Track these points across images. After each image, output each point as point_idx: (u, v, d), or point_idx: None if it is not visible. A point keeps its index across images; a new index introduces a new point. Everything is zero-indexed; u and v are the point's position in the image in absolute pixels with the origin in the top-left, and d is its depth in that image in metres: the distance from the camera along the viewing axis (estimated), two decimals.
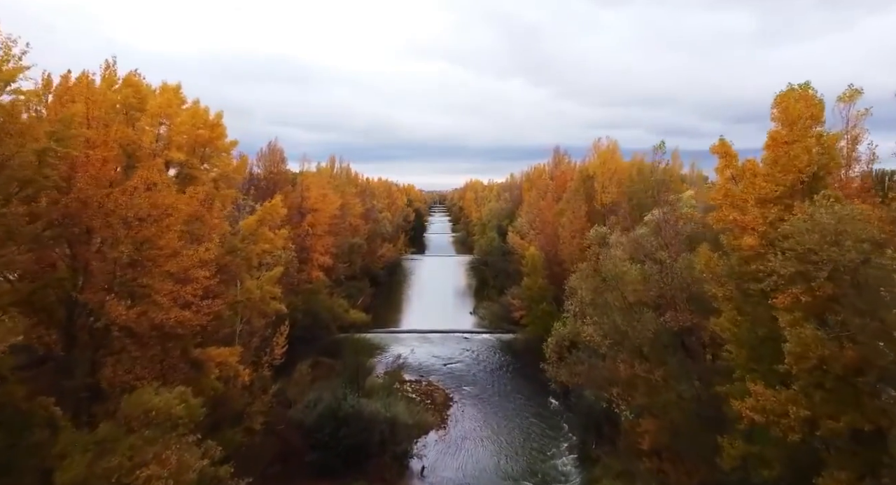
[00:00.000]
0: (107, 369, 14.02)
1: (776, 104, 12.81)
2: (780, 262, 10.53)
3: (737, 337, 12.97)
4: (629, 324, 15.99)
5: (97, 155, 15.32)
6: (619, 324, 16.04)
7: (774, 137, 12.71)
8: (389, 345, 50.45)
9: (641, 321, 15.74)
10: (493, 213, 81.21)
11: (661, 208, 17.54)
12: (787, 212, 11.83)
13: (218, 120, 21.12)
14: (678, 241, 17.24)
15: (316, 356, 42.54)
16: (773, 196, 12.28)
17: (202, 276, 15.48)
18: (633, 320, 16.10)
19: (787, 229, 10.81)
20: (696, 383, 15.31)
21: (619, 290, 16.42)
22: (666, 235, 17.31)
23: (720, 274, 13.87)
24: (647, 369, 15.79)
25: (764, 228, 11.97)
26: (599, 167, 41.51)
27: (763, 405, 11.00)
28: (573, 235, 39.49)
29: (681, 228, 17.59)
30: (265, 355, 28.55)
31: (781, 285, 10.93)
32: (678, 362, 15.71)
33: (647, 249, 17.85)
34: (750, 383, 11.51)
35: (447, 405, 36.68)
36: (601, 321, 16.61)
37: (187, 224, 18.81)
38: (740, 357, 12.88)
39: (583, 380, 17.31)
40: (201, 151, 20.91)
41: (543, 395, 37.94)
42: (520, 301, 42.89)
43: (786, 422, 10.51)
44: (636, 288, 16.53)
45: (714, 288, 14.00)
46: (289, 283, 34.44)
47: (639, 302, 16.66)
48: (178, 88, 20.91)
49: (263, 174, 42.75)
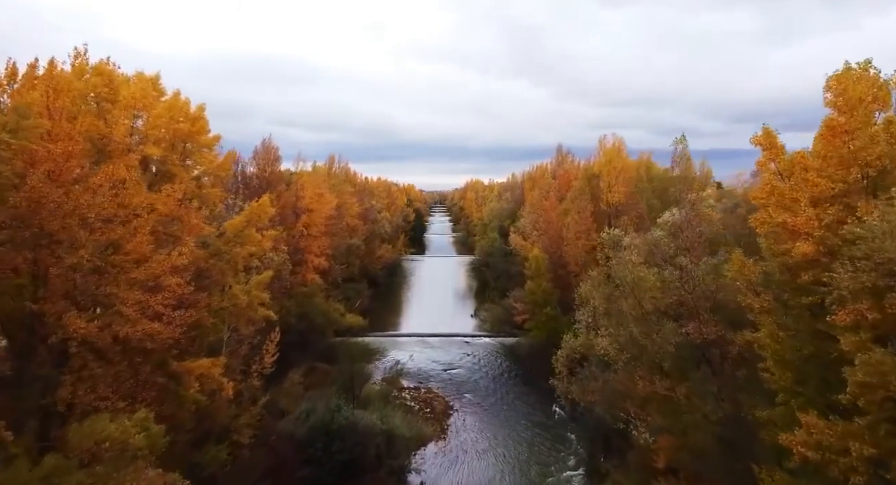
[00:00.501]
0: (65, 388, 12.47)
1: (831, 87, 11.06)
2: (850, 274, 8.92)
3: (779, 356, 11.39)
4: (647, 336, 14.44)
5: (59, 149, 13.77)
6: (637, 336, 14.49)
7: (831, 126, 10.94)
8: (388, 349, 48.89)
9: (661, 333, 14.19)
10: (495, 213, 79.67)
11: (681, 208, 15.97)
12: (847, 213, 10.21)
13: (199, 113, 19.55)
14: (700, 244, 15.68)
15: (311, 362, 41.01)
16: (828, 195, 10.63)
17: (175, 283, 13.93)
18: (652, 332, 14.55)
19: (853, 234, 9.21)
20: (724, 403, 13.79)
21: (635, 298, 14.88)
22: (687, 237, 15.76)
23: (756, 283, 12.32)
24: (667, 387, 14.25)
25: (821, 233, 10.30)
26: (605, 166, 39.91)
27: (818, 440, 9.41)
28: (578, 236, 37.97)
29: (703, 229, 16.01)
30: (255, 364, 27.07)
31: (842, 300, 9.31)
32: (702, 379, 14.18)
33: (664, 252, 16.29)
34: (801, 414, 9.92)
35: (447, 414, 35.11)
36: (616, 333, 15.05)
37: (164, 225, 17.32)
38: (784, 379, 11.29)
39: (596, 397, 15.77)
40: (181, 146, 19.35)
41: (548, 403, 36.37)
42: (522, 305, 41.32)
43: (846, 461, 8.90)
44: (654, 296, 14.98)
45: (748, 298, 12.45)
46: (281, 286, 32.92)
47: (657, 311, 15.12)
48: (157, 79, 19.37)
49: (257, 173, 41.16)
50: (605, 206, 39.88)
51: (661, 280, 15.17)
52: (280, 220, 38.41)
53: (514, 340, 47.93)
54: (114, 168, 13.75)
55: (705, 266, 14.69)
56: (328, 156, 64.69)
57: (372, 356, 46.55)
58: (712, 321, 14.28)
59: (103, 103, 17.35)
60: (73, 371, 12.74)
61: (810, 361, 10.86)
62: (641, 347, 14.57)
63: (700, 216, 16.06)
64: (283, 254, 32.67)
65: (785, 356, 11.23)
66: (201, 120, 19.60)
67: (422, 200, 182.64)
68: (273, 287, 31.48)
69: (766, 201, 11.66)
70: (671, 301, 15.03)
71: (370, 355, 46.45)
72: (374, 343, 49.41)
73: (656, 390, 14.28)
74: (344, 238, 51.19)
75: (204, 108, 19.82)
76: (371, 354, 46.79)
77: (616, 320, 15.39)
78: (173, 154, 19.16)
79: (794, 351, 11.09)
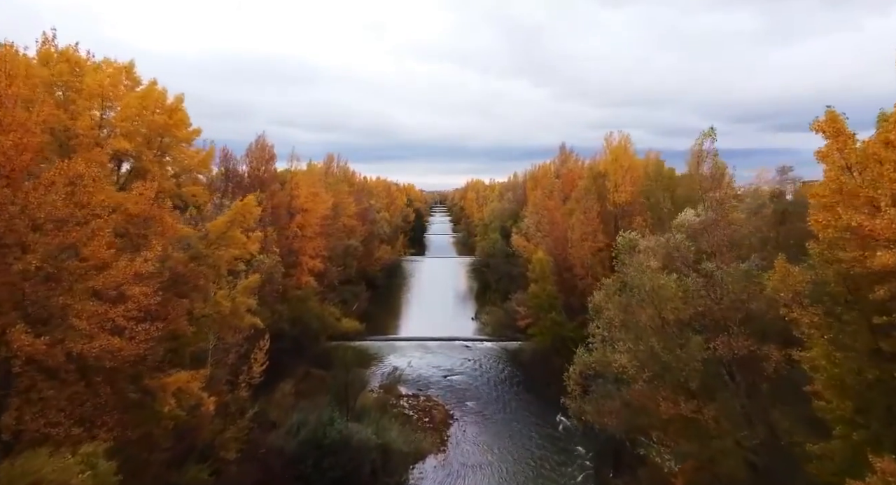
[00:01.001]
0: (9, 413, 10.90)
1: None
2: None
3: (836, 380, 9.77)
4: (670, 352, 12.85)
5: (9, 141, 12.20)
6: (659, 351, 12.90)
7: None
8: (386, 354, 47.34)
9: (687, 349, 12.61)
10: (496, 213, 78.05)
11: (706, 208, 14.36)
12: None
13: (177, 104, 17.96)
14: (727, 248, 14.07)
15: (307, 368, 39.51)
16: None
17: (140, 293, 12.35)
18: (675, 347, 12.95)
19: None
20: (758, 428, 12.22)
21: (654, 308, 13.29)
22: (714, 240, 14.13)
23: (803, 294, 10.72)
24: (693, 408, 12.68)
25: None
26: (612, 164, 38.33)
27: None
28: (584, 238, 36.38)
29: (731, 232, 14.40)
30: (243, 374, 25.49)
31: None
32: (733, 400, 12.62)
33: (685, 257, 14.68)
34: (875, 458, 8.28)
35: (447, 424, 33.50)
36: (635, 348, 13.46)
37: (137, 227, 15.75)
38: (842, 408, 9.68)
39: (614, 419, 14.21)
40: (158, 140, 17.77)
41: (552, 412, 34.78)
42: (526, 309, 39.72)
43: None
44: (675, 306, 13.40)
45: (794, 311, 10.83)
46: (273, 290, 31.34)
47: (679, 323, 13.53)
48: (130, 68, 17.78)
49: (249, 172, 39.53)
50: (612, 206, 38.30)
51: (684, 288, 13.56)
52: (273, 220, 36.86)
53: (516, 345, 46.33)
54: (70, 163, 12.16)
55: (735, 273, 13.07)
56: (326, 155, 63.07)
57: (369, 362, 45.00)
58: (743, 335, 12.70)
59: (68, 93, 15.81)
60: (20, 393, 11.17)
61: (875, 387, 9.28)
62: (664, 364, 12.97)
63: (727, 217, 14.48)
64: (274, 256, 31.06)
65: (844, 381, 9.63)
66: (179, 112, 18.02)
67: (422, 200, 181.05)
68: (264, 292, 29.93)
69: (831, 200, 9.94)
70: (695, 312, 13.44)
71: (367, 361, 44.89)
72: (371, 348, 47.85)
73: (681, 412, 12.72)
74: (341, 239, 49.60)
75: (182, 100, 18.24)
76: (368, 360, 45.24)
77: (634, 334, 13.76)
78: (148, 149, 17.58)
79: (854, 375, 9.50)
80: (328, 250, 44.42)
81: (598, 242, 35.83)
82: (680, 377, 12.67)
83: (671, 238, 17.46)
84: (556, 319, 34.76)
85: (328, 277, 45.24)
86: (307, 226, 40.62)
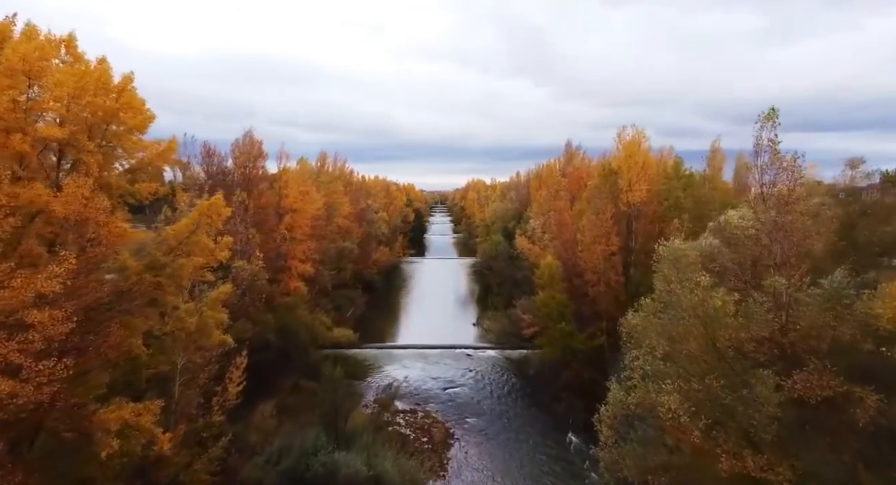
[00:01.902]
0: None
1: None
2: None
3: None
4: (733, 391, 10.01)
5: None
6: (719, 392, 10.05)
7: None
8: (382, 363, 44.48)
9: (755, 389, 9.73)
10: (498, 214, 75.19)
11: (768, 207, 11.41)
12: None
13: (125, 85, 15.04)
14: (798, 259, 11.17)
15: (296, 379, 36.63)
16: None
17: (46, 319, 9.48)
18: (739, 386, 10.11)
19: None
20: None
21: (707, 336, 10.41)
22: (783, 249, 11.19)
23: None
24: (764, 465, 9.86)
25: None
26: (625, 161, 35.45)
27: None
28: (595, 241, 33.48)
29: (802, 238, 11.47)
30: (217, 396, 22.64)
31: None
32: (819, 457, 9.77)
33: (740, 270, 11.76)
34: None
35: (447, 444, 30.63)
36: (688, 388, 10.59)
37: (66, 231, 12.89)
38: None
39: (662, 478, 11.30)
40: (102, 128, 14.86)
41: (561, 430, 31.97)
42: (532, 316, 36.82)
43: None
44: (733, 333, 10.49)
45: None
46: (256, 299, 28.46)
47: (738, 355, 10.66)
48: (71, 41, 14.87)
49: (235, 169, 36.63)
50: (625, 206, 35.44)
51: (746, 311, 10.67)
52: (259, 221, 34.01)
53: (521, 354, 43.49)
54: None
55: (818, 293, 10.16)
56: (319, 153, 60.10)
57: (365, 372, 42.19)
58: (829, 371, 9.86)
59: None
60: None
61: None
62: (725, 409, 10.15)
63: (800, 220, 11.51)
64: (257, 261, 28.18)
65: None
66: (127, 93, 15.10)
67: (422, 200, 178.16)
68: (244, 302, 27.11)
69: None
70: (758, 340, 10.58)
71: (363, 371, 42.09)
72: (367, 357, 45.04)
73: (747, 470, 9.91)
74: (334, 241, 46.74)
75: (131, 79, 15.33)
76: (364, 370, 42.43)
77: (684, 368, 10.93)
78: (89, 139, 14.64)
79: None
80: (320, 253, 41.59)
81: (610, 246, 32.95)
82: (748, 426, 9.84)
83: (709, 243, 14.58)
84: (565, 330, 31.87)
85: (320, 282, 42.42)
86: (297, 227, 37.77)
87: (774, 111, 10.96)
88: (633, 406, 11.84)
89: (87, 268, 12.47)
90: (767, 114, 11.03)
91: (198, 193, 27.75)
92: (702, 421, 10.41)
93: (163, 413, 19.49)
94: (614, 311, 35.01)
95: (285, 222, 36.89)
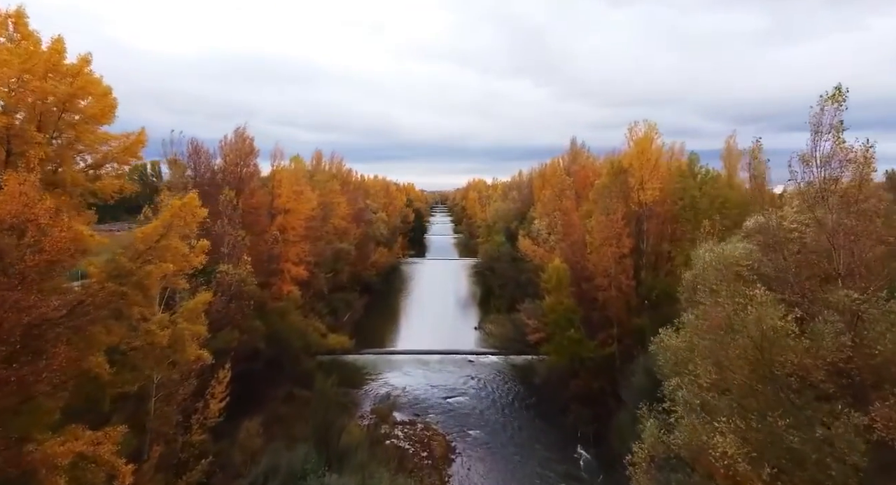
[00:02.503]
0: None
1: None
2: None
3: None
4: (803, 432, 8.17)
5: None
6: (782, 433, 8.22)
7: None
8: (381, 370, 42.69)
9: (835, 431, 7.87)
10: (500, 214, 73.25)
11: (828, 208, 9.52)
12: None
13: (81, 67, 13.20)
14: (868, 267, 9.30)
15: (290, 388, 34.78)
16: None
17: None
18: (805, 423, 8.27)
19: None
20: None
21: (764, 363, 8.53)
22: (850, 257, 9.30)
23: None
24: None
25: None
26: (637, 158, 33.56)
27: None
28: (606, 243, 31.59)
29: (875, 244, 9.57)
30: (197, 413, 20.80)
31: None
32: None
33: (795, 282, 9.85)
34: None
35: (448, 460, 28.81)
36: (746, 427, 8.72)
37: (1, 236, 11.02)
38: None
39: None
40: (55, 115, 13.01)
41: (570, 443, 30.12)
42: (537, 322, 34.91)
43: None
44: (799, 360, 8.59)
45: None
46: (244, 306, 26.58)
47: (801, 382, 8.82)
48: (20, 16, 13.02)
49: (225, 167, 34.73)
50: (636, 206, 33.55)
51: (815, 332, 8.79)
52: (249, 222, 32.15)
53: (525, 360, 41.64)
54: None
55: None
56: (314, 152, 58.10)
57: (362, 379, 40.37)
58: None
59: None
60: None
61: None
62: (794, 454, 8.30)
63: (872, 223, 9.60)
64: (246, 265, 26.33)
65: None
66: (83, 77, 13.25)
67: (422, 200, 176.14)
68: (230, 309, 25.24)
69: None
70: (828, 369, 8.68)
71: (360, 378, 40.27)
72: (365, 363, 43.24)
73: None
74: (330, 242, 44.86)
75: (89, 61, 13.49)
76: (361, 377, 40.61)
77: (737, 402, 9.06)
78: (38, 130, 12.79)
79: None
80: (315, 255, 39.69)
81: (622, 248, 31.07)
82: (824, 478, 7.96)
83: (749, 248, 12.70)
84: (574, 337, 30.00)
85: (315, 285, 40.55)
86: (290, 228, 35.91)
87: (840, 91, 9.13)
88: (676, 444, 9.94)
89: (27, 280, 10.62)
90: (833, 94, 9.18)
91: (183, 192, 25.85)
92: (766, 470, 8.52)
93: (136, 435, 17.75)
94: (625, 317, 33.23)
95: (277, 223, 35.03)
